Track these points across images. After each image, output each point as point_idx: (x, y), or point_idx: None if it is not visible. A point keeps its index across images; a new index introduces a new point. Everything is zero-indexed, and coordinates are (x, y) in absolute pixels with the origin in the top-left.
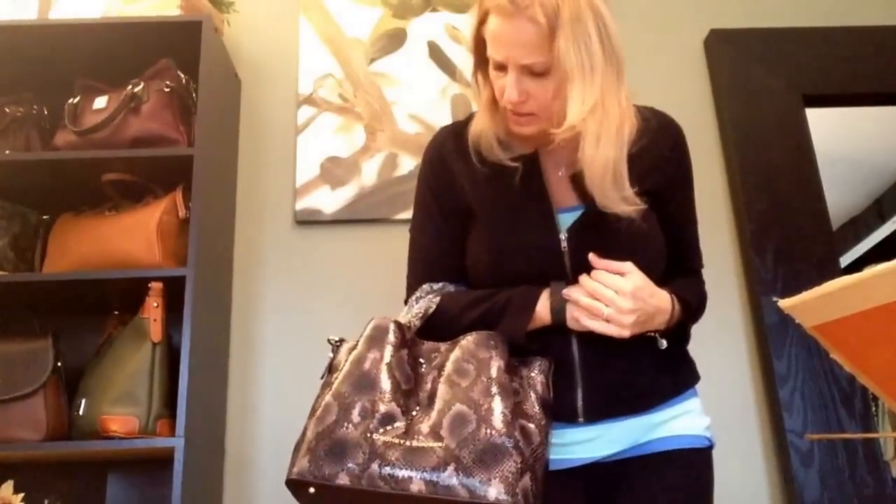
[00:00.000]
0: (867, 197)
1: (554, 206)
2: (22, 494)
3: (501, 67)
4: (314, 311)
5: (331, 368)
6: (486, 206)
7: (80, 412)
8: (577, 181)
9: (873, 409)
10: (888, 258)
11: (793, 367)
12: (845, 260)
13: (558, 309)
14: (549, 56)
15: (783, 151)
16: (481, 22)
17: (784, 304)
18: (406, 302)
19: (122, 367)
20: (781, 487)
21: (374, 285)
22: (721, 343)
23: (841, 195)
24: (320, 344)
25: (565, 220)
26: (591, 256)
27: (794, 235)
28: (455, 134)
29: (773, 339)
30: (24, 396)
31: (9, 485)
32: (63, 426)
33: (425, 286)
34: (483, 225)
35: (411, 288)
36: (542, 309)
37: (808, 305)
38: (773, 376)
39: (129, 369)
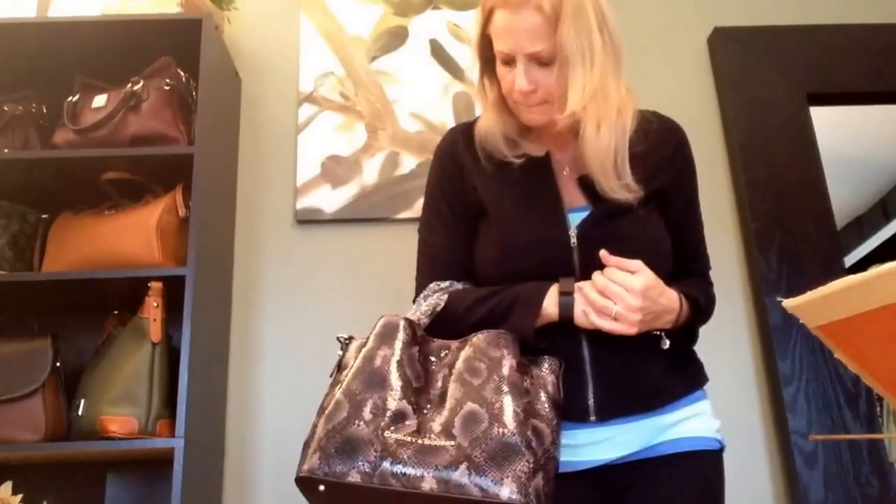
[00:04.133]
0: (872, 196)
1: (563, 204)
2: (21, 495)
3: (509, 62)
4: (315, 310)
5: (340, 366)
6: (497, 203)
7: (80, 413)
8: (584, 182)
9: (878, 409)
10: (893, 258)
11: (797, 368)
12: (850, 259)
13: (566, 305)
14: (553, 44)
15: (787, 150)
16: (486, 22)
17: (788, 304)
18: (414, 301)
19: (122, 367)
20: (785, 488)
21: (375, 285)
22: (725, 343)
23: (845, 194)
24: (321, 343)
25: (574, 219)
26: (603, 253)
27: (798, 235)
28: (466, 133)
29: (778, 339)
30: (23, 397)
31: (8, 485)
32: (62, 427)
33: (432, 284)
34: (493, 222)
35: (420, 287)
36: (550, 304)
37: (812, 305)
38: (777, 377)
39: (129, 369)
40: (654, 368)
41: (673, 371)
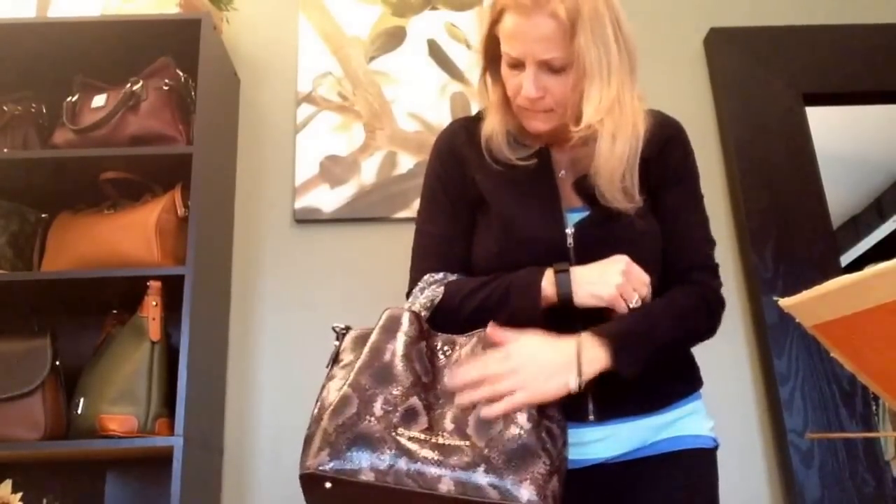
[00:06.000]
0: (867, 196)
1: (562, 204)
2: (20, 494)
3: (517, 65)
4: (313, 309)
5: (336, 356)
6: (497, 199)
7: (79, 411)
8: (580, 185)
9: (874, 408)
10: (888, 257)
11: (793, 367)
12: (846, 259)
13: (563, 281)
14: (568, 52)
15: (783, 150)
16: (495, 21)
17: (784, 303)
18: (408, 294)
19: (121, 366)
20: (782, 487)
21: (373, 284)
22: (721, 342)
23: (841, 194)
24: (319, 342)
25: (571, 219)
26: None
27: (794, 234)
28: (467, 127)
29: (774, 338)
30: (23, 395)
31: (7, 484)
32: (61, 425)
33: (427, 277)
34: (492, 217)
35: (413, 281)
36: (548, 285)
37: (808, 304)
38: (773, 375)
39: (128, 368)
40: (652, 370)
41: (670, 373)
